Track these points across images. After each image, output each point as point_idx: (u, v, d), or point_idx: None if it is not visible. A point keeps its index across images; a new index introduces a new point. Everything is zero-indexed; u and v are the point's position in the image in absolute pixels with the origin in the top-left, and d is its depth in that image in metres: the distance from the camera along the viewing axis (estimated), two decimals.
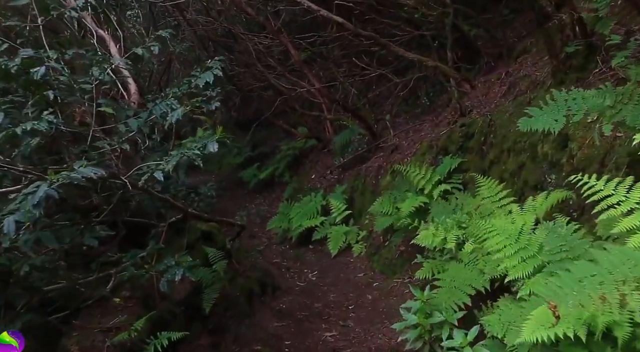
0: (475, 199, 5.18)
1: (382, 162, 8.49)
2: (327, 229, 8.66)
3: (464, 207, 5.49)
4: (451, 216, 5.23)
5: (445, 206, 5.83)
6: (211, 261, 4.69)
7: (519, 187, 5.21)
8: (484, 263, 4.47)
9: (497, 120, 5.96)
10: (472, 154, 6.26)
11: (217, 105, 5.40)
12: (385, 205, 7.09)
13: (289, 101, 11.02)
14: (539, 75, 6.01)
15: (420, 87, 9.70)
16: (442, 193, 6.35)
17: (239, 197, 13.09)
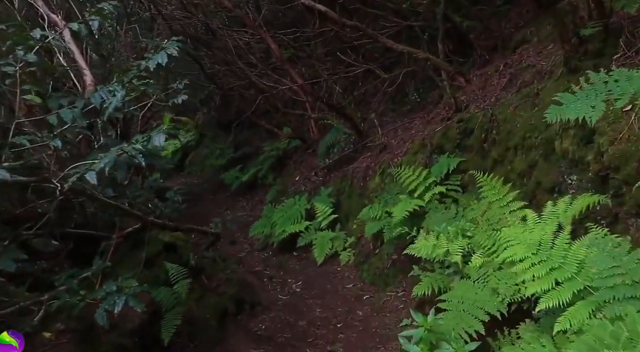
0: (481, 204, 4.32)
1: (370, 163, 7.61)
2: (312, 235, 7.75)
3: (467, 212, 4.63)
4: (453, 223, 4.37)
5: (444, 211, 4.97)
6: (172, 279, 3.75)
7: (530, 189, 4.36)
8: (497, 280, 3.61)
9: (499, 114, 5.12)
10: (471, 152, 5.41)
11: (184, 98, 4.48)
12: (375, 210, 6.20)
13: (271, 100, 10.10)
14: (544, 65, 5.19)
15: (408, 84, 8.85)
16: (437, 196, 5.49)
17: (221, 200, 12.13)
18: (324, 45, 10.38)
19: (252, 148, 12.53)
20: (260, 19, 9.20)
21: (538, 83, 4.94)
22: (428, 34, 7.64)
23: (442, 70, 7.20)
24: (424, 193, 5.57)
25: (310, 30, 9.81)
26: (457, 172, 5.50)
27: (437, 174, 5.60)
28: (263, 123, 11.83)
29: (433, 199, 5.49)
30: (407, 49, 6.75)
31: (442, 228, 4.28)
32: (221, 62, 10.38)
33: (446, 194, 5.46)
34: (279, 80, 9.59)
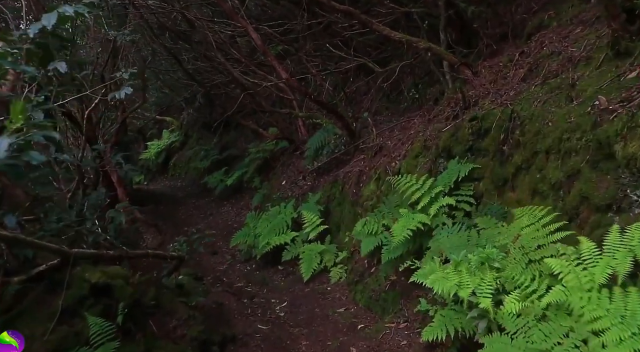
0: (511, 227, 3.20)
1: (364, 167, 6.49)
2: (298, 248, 6.61)
3: (489, 234, 3.51)
4: (475, 249, 3.25)
5: (458, 231, 3.85)
6: (93, 341, 2.59)
7: (570, 205, 3.26)
8: (543, 337, 2.50)
9: (522, 111, 4.01)
10: (487, 156, 4.30)
11: (129, 91, 3.33)
12: (370, 224, 5.08)
13: (255, 98, 8.92)
14: (575, 51, 4.09)
15: (405, 79, 7.74)
16: (446, 209, 4.37)
17: (204, 205, 10.96)
18: (313, 39, 9.24)
19: (238, 150, 11.38)
20: (243, 9, 8.03)
21: (571, 72, 3.84)
22: (428, 23, 6.53)
23: (446, 62, 6.09)
24: (429, 206, 4.46)
25: (298, 22, 8.67)
26: (469, 180, 4.39)
27: (445, 182, 4.49)
28: (249, 123, 10.66)
29: (440, 213, 4.38)
30: (406, 38, 5.62)
31: (461, 256, 3.16)
32: (202, 57, 9.17)
33: (456, 207, 4.35)
34: (264, 77, 8.45)
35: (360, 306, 5.27)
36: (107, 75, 8.28)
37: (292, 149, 9.33)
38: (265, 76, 8.54)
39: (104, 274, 3.01)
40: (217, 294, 5.91)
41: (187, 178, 12.75)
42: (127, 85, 3.36)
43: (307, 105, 9.00)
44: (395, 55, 7.96)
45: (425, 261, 4.07)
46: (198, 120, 12.94)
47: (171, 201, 11.59)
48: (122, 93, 3.28)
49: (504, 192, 4.07)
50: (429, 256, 4.07)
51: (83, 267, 3.03)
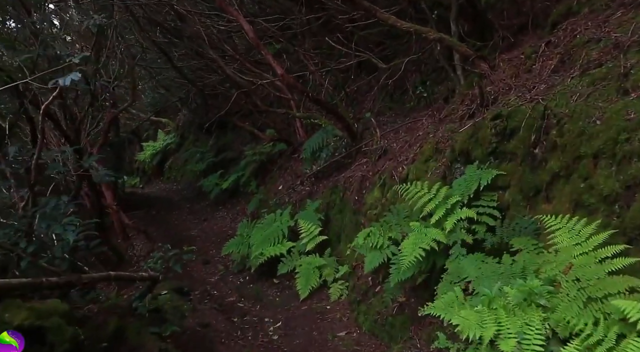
0: (563, 253, 2.44)
1: (367, 171, 5.74)
2: (295, 260, 5.86)
3: (526, 260, 2.75)
4: (512, 280, 2.49)
5: (487, 260, 3.09)
6: None
7: (632, 224, 2.50)
8: None
9: (557, 107, 3.26)
10: (514, 161, 3.54)
11: (76, 78, 2.59)
12: (375, 236, 4.32)
13: (251, 97, 8.17)
14: (621, 36, 3.34)
15: (409, 77, 6.98)
16: (465, 223, 3.62)
17: (199, 209, 10.20)
18: (311, 36, 8.50)
19: (234, 152, 10.62)
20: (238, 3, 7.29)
21: (621, 59, 3.09)
22: (437, 14, 5.78)
23: (457, 56, 5.35)
24: (444, 219, 3.70)
25: (295, 17, 7.94)
26: (491, 189, 3.63)
27: (463, 191, 3.73)
28: (246, 125, 9.90)
29: (458, 228, 3.62)
30: (415, 28, 4.88)
31: (495, 290, 2.40)
32: (194, 54, 8.43)
33: (477, 220, 3.59)
34: (260, 75, 7.70)
35: (363, 330, 4.52)
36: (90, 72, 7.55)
37: (289, 151, 8.58)
38: (261, 74, 7.79)
39: (33, 313, 2.27)
40: (203, 313, 5.16)
41: (183, 181, 12.00)
42: (77, 70, 2.61)
43: (305, 105, 8.26)
44: (399, 51, 7.22)
45: (442, 287, 3.32)
46: (194, 121, 12.18)
47: (165, 205, 10.84)
48: (67, 79, 2.54)
49: (536, 204, 3.31)
50: (447, 281, 3.32)
51: (4, 304, 2.28)
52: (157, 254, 3.80)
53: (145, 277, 3.54)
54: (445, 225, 3.64)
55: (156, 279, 3.63)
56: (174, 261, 3.66)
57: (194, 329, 4.47)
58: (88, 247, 3.56)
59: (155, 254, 3.79)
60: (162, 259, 3.67)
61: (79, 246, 3.40)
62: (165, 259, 3.66)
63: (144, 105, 13.15)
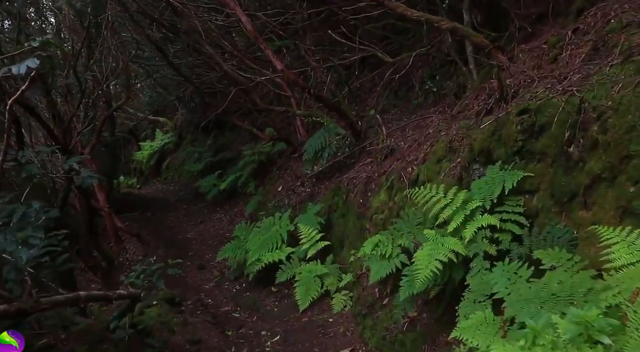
0: (628, 274, 1.94)
1: (372, 172, 5.25)
2: (295, 268, 5.38)
3: (574, 280, 2.25)
4: (560, 306, 2.00)
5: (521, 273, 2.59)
6: None
7: None
8: None
9: (595, 99, 2.78)
10: (544, 161, 3.05)
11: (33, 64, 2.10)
12: (384, 244, 3.84)
13: (250, 94, 7.68)
14: None
15: (415, 73, 6.50)
16: (487, 232, 3.13)
17: (196, 211, 9.72)
18: (313, 31, 8.02)
19: (233, 152, 10.12)
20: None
21: None
22: (448, 3, 5.30)
23: (470, 49, 4.87)
24: (463, 226, 3.21)
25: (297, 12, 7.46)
26: (517, 193, 3.14)
27: (484, 195, 3.25)
28: (244, 124, 9.40)
29: (479, 237, 3.13)
30: (426, 17, 4.39)
31: (543, 322, 1.91)
32: (191, 50, 7.94)
33: (501, 228, 3.10)
34: (260, 72, 7.20)
35: (369, 347, 4.03)
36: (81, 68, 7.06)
37: (289, 151, 8.09)
38: (260, 71, 7.29)
39: None
40: (195, 327, 4.67)
41: (180, 181, 11.51)
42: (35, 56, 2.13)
43: (306, 103, 7.77)
44: (404, 46, 6.72)
45: (464, 306, 2.83)
46: (192, 121, 11.68)
47: (161, 206, 10.35)
48: (22, 67, 2.06)
49: (572, 210, 2.82)
50: (469, 300, 2.83)
51: None
52: (139, 267, 3.31)
53: (124, 295, 3.06)
54: (464, 234, 3.16)
55: (137, 297, 3.14)
56: (157, 276, 3.17)
57: (183, 347, 3.98)
58: (54, 265, 3.06)
59: (137, 268, 3.30)
60: (145, 273, 3.18)
61: (43, 263, 2.91)
62: (147, 273, 3.17)
63: (141, 105, 12.68)
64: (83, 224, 7.09)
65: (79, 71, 6.86)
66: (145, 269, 3.20)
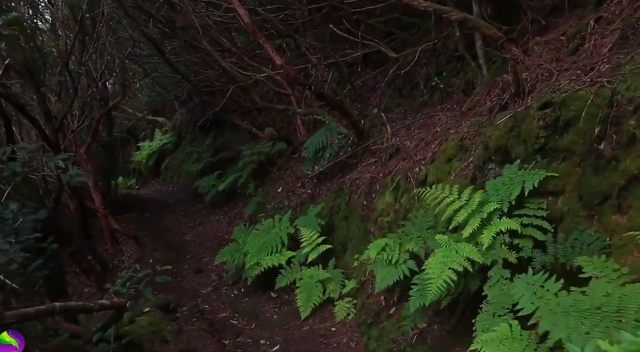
0: None
1: (376, 173, 4.93)
2: (295, 273, 5.06)
3: (615, 294, 1.93)
4: (605, 326, 1.67)
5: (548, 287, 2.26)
6: None
7: None
8: None
9: (630, 91, 2.46)
10: (570, 159, 2.74)
11: None
12: (391, 249, 3.52)
13: (249, 92, 7.36)
14: None
15: (420, 70, 6.18)
16: (506, 238, 2.80)
17: (194, 212, 9.40)
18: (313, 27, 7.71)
19: (232, 152, 9.80)
20: None
21: None
22: None
23: (481, 41, 4.56)
24: (479, 231, 2.89)
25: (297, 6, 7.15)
26: (539, 195, 2.82)
27: (502, 197, 2.93)
28: (244, 123, 9.07)
29: (498, 243, 2.81)
30: (434, 7, 4.06)
31: (591, 350, 1.59)
32: (188, 46, 7.62)
33: (521, 234, 2.77)
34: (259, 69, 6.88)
35: None
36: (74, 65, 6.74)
37: (290, 151, 7.77)
38: (259, 68, 6.97)
39: None
40: (190, 335, 4.34)
41: (179, 182, 11.18)
42: None
43: (306, 102, 7.45)
44: (409, 42, 6.41)
45: (482, 320, 2.51)
46: (191, 120, 11.37)
47: (159, 207, 10.03)
48: None
49: (604, 214, 2.50)
50: (488, 313, 2.51)
51: None
52: (125, 274, 2.99)
53: (107, 306, 2.74)
54: (481, 239, 2.84)
55: (122, 307, 2.82)
56: (145, 284, 2.86)
57: None
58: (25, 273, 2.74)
59: (123, 275, 2.98)
60: (131, 281, 2.87)
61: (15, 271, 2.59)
62: (134, 281, 2.86)
63: (140, 105, 12.37)
64: (76, 225, 6.78)
65: (71, 67, 6.56)
66: (131, 276, 2.88)
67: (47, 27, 8.74)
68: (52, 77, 7.10)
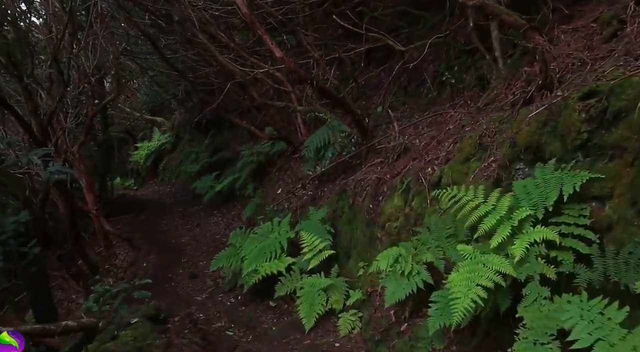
0: None
1: (383, 173, 4.46)
2: (296, 281, 4.58)
3: None
4: None
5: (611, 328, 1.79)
6: None
7: None
8: None
9: None
10: (619, 158, 2.28)
11: None
12: (404, 259, 3.05)
13: (247, 89, 6.90)
14: None
15: (427, 67, 5.72)
16: (540, 249, 2.34)
17: (192, 213, 8.91)
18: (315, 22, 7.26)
19: (231, 152, 9.32)
20: None
21: None
22: None
23: (495, 34, 4.09)
24: (509, 241, 2.42)
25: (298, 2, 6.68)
26: (581, 199, 2.36)
27: (535, 201, 2.47)
28: (243, 122, 8.58)
29: (533, 255, 2.34)
30: None
31: None
32: (185, 41, 7.15)
33: (560, 245, 2.31)
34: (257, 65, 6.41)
35: None
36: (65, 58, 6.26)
37: (290, 151, 7.29)
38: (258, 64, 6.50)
39: None
40: (181, 350, 3.86)
41: (177, 183, 10.69)
42: None
43: (307, 100, 6.98)
44: (416, 36, 5.95)
45: (521, 347, 2.04)
46: (190, 120, 10.88)
47: (156, 208, 9.55)
48: None
49: None
50: (528, 340, 2.04)
51: None
52: (99, 288, 2.52)
53: (73, 328, 2.26)
54: (512, 251, 2.37)
55: (94, 328, 2.35)
56: (121, 300, 2.39)
57: None
58: None
59: (97, 288, 2.51)
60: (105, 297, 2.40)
61: None
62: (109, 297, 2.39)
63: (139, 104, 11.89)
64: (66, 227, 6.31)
65: (61, 61, 6.08)
66: (106, 291, 2.41)
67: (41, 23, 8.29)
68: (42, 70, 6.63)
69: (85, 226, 7.87)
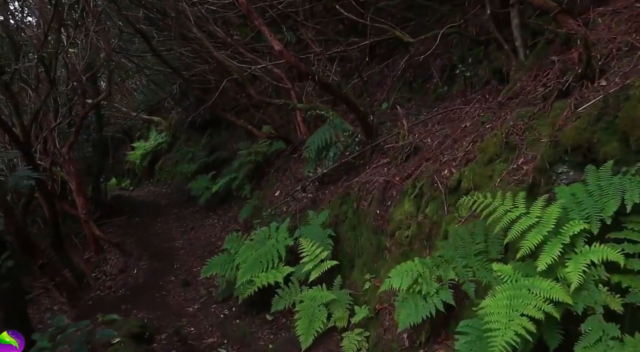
0: None
1: (391, 176, 3.92)
2: (295, 293, 4.05)
3: None
4: None
5: None
6: None
7: None
8: None
9: None
10: None
11: None
12: (425, 278, 2.52)
13: (244, 86, 6.36)
14: None
15: (434, 61, 5.21)
16: (600, 272, 1.81)
17: (187, 215, 8.35)
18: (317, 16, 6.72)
19: (228, 151, 8.76)
20: None
21: None
22: None
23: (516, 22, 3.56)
24: (561, 262, 1.89)
25: None
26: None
27: (588, 212, 1.94)
28: (241, 121, 8.03)
29: (591, 281, 1.81)
30: None
31: None
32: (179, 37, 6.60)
33: (625, 268, 1.78)
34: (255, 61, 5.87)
35: None
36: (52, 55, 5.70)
37: (289, 151, 6.76)
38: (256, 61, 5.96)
39: None
40: None
41: (173, 183, 10.13)
42: None
43: (307, 97, 6.44)
44: (424, 28, 5.41)
45: None
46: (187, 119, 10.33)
47: (151, 210, 8.99)
48: None
49: None
50: None
51: None
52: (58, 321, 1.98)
53: None
54: (566, 275, 1.84)
55: None
56: (79, 342, 1.85)
57: None
58: None
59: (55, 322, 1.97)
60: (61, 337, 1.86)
61: None
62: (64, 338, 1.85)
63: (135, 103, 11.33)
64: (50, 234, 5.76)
65: (46, 57, 5.53)
66: (62, 328, 1.87)
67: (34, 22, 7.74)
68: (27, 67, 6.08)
69: (77, 230, 7.32)
